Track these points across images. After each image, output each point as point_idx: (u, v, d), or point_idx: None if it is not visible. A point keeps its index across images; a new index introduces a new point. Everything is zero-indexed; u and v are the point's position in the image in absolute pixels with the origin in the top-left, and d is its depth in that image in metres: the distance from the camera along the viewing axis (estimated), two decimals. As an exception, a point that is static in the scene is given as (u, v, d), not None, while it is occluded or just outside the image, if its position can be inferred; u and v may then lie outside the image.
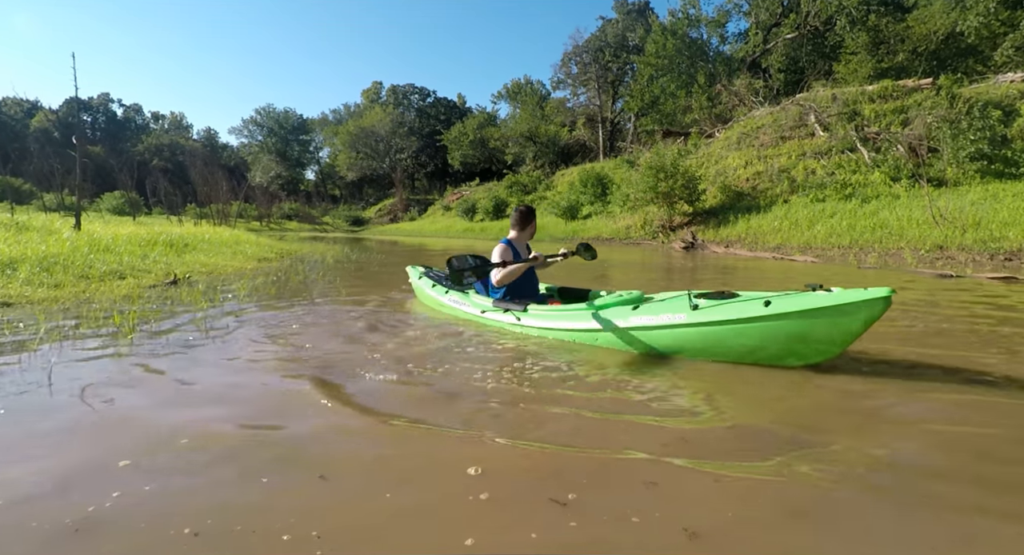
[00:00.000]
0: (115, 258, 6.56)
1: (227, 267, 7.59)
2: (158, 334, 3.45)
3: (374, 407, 2.21)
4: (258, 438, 1.91)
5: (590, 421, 2.09)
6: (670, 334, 2.86)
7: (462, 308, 4.06)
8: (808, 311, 2.50)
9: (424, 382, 2.57)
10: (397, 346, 3.28)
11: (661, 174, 15.89)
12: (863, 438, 1.91)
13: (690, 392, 2.43)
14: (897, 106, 15.94)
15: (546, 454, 1.78)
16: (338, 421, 2.08)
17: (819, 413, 2.19)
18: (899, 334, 3.45)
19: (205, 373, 2.70)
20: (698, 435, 1.94)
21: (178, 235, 9.91)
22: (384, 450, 1.85)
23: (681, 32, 28.74)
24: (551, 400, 2.30)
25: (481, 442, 1.87)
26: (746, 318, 2.63)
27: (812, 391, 2.42)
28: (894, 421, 2.08)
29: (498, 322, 3.73)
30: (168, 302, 4.53)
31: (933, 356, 2.93)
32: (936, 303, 4.76)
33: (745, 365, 2.74)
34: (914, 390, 2.39)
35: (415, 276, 4.95)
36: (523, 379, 2.61)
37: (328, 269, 8.50)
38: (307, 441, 1.88)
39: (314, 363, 2.86)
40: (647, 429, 2.01)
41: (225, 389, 2.47)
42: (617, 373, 2.71)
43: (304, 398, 2.31)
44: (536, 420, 2.08)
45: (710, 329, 2.74)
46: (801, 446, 1.83)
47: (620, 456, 1.75)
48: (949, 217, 9.63)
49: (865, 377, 2.57)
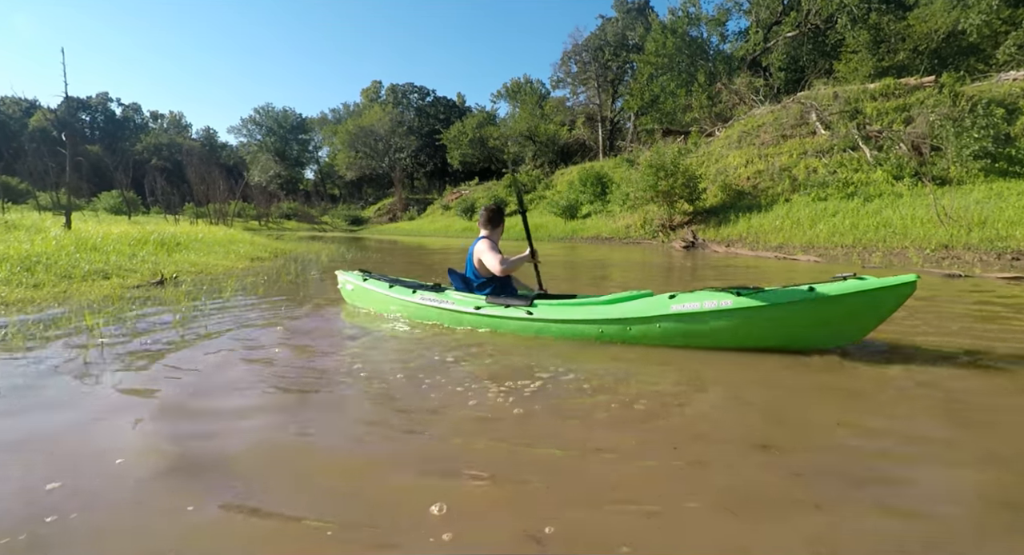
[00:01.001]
0: (102, 257, 6.40)
1: (218, 267, 7.43)
2: (123, 340, 3.22)
3: (331, 432, 1.95)
4: (196, 461, 1.71)
5: (577, 450, 1.89)
6: (714, 321, 2.88)
7: (443, 306, 3.69)
8: (848, 295, 2.73)
9: (399, 400, 2.29)
10: (381, 356, 3.08)
11: (661, 173, 15.73)
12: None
13: (695, 414, 2.27)
14: (899, 104, 15.78)
15: (520, 489, 1.59)
16: (284, 448, 1.83)
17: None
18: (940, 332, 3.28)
19: (160, 385, 2.42)
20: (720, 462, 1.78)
21: (170, 234, 9.75)
22: (335, 483, 1.60)
23: (681, 30, 28.58)
24: (541, 423, 2.10)
25: (448, 475, 1.63)
26: (792, 302, 2.80)
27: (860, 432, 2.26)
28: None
29: (498, 318, 3.43)
30: (148, 303, 4.37)
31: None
32: (953, 301, 4.60)
33: (755, 385, 2.57)
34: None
35: (355, 279, 4.44)
36: (513, 395, 2.43)
37: (321, 269, 8.33)
38: (249, 472, 1.64)
39: (279, 381, 2.54)
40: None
41: (177, 405, 2.23)
42: (619, 380, 2.55)
43: (255, 422, 2.04)
44: (517, 450, 1.89)
45: (756, 314, 2.83)
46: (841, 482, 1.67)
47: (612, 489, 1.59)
48: (954, 216, 9.48)
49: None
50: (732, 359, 2.87)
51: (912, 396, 2.35)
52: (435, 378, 2.55)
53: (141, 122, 72.82)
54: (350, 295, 4.60)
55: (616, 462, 1.72)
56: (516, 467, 1.69)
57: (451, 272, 3.94)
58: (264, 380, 2.55)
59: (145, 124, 72.83)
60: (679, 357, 2.96)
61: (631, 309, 3.06)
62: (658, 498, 1.49)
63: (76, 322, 3.42)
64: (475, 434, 1.94)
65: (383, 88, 62.02)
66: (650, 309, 3.01)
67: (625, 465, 1.71)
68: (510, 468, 1.68)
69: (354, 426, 2.05)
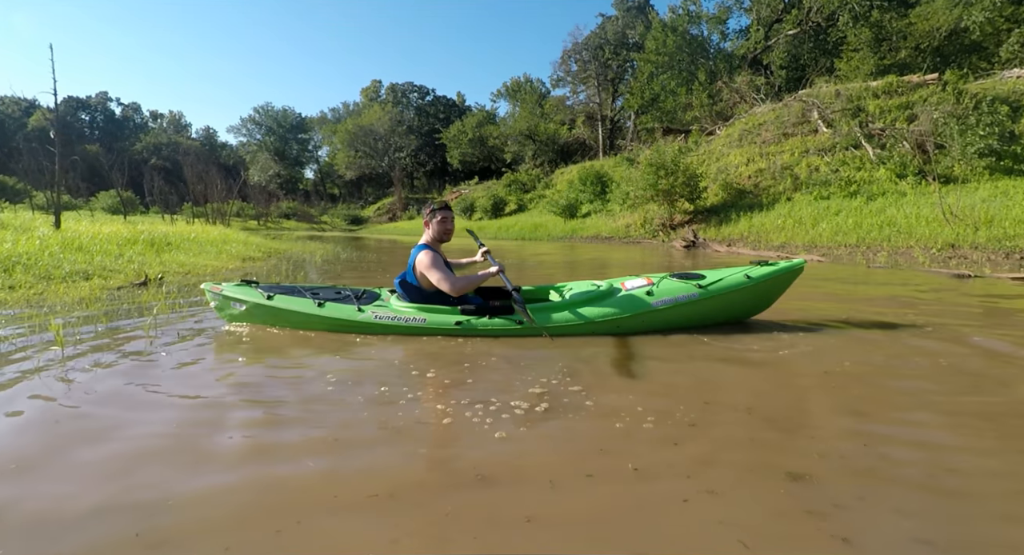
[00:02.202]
0: (86, 258, 6.24)
1: (207, 267, 7.26)
2: (83, 348, 2.99)
3: (274, 467, 1.70)
4: (130, 500, 1.49)
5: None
6: (687, 309, 3.41)
7: (406, 323, 3.32)
8: (769, 278, 3.48)
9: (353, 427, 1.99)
10: (347, 372, 2.78)
11: (661, 171, 15.54)
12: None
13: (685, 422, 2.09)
14: (902, 102, 15.58)
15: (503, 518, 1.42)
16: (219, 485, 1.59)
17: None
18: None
19: (100, 409, 2.14)
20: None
21: (161, 234, 9.59)
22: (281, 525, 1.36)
23: (681, 29, 28.40)
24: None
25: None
26: (738, 288, 3.45)
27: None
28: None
29: (486, 330, 3.28)
30: (124, 306, 4.20)
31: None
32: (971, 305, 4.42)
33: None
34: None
35: (250, 296, 3.58)
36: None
37: (313, 269, 8.17)
38: (178, 515, 1.42)
39: (236, 403, 2.24)
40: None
41: (114, 427, 1.99)
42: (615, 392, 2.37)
43: (195, 455, 1.78)
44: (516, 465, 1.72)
45: (716, 299, 3.43)
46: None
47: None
48: (959, 215, 9.29)
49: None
50: (739, 375, 2.69)
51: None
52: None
53: (141, 122, 72.79)
54: (242, 316, 3.67)
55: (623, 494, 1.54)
56: (503, 491, 1.52)
57: (403, 284, 3.48)
58: (230, 401, 2.37)
59: (145, 124, 72.80)
60: (675, 359, 2.80)
61: (621, 306, 3.40)
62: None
63: (54, 327, 3.24)
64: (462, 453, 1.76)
65: (383, 87, 61.93)
66: (636, 307, 3.40)
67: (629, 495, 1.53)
68: (488, 489, 1.51)
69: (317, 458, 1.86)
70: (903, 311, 4.18)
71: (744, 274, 3.46)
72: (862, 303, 4.66)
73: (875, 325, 3.63)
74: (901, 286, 5.69)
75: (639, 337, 3.31)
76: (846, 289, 5.64)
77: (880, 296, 5.07)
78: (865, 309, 4.30)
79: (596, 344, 3.15)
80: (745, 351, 3.00)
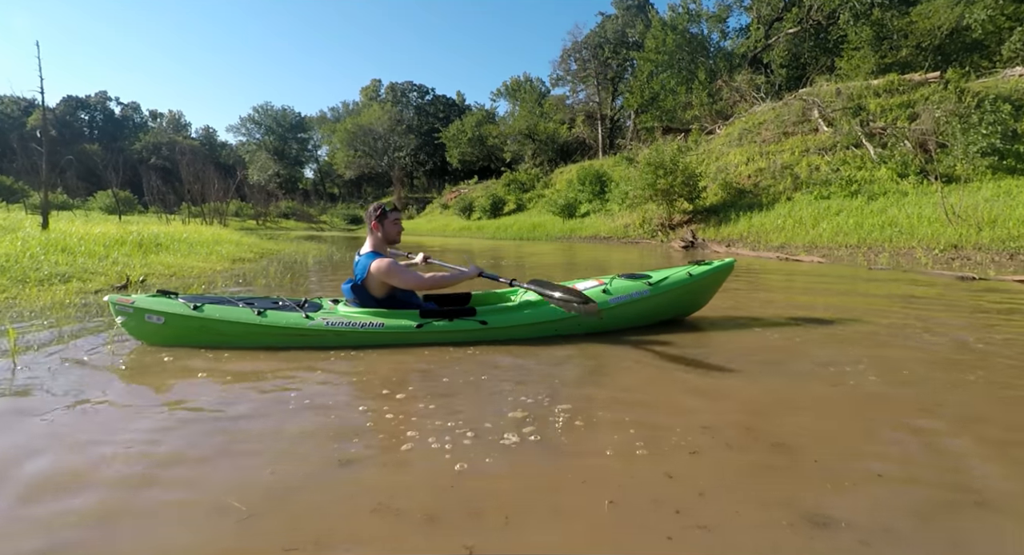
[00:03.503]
0: (69, 259, 6.09)
1: (193, 269, 7.12)
2: (36, 357, 2.84)
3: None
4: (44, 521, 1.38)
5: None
6: (640, 305, 3.60)
7: (363, 328, 3.12)
8: (708, 275, 3.77)
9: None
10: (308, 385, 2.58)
11: (660, 171, 15.38)
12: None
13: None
14: (903, 100, 15.42)
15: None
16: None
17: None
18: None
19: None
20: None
21: (151, 235, 9.44)
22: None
23: (681, 27, 28.22)
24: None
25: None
26: (683, 283, 3.68)
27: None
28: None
29: (449, 332, 3.17)
30: (94, 311, 4.05)
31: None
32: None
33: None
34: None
35: (173, 307, 3.10)
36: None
37: (303, 271, 8.02)
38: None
39: (178, 425, 2.02)
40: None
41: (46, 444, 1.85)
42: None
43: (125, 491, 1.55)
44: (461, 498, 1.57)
45: (664, 295, 3.64)
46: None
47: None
48: (962, 215, 9.13)
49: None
50: (733, 393, 2.54)
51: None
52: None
53: (140, 121, 72.62)
54: (159, 333, 3.13)
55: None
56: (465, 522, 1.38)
57: (356, 288, 3.26)
58: (174, 425, 2.21)
59: (144, 123, 72.63)
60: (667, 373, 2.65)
61: (536, 311, 3.40)
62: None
63: (12, 334, 3.09)
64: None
65: (382, 86, 61.79)
66: (531, 306, 3.42)
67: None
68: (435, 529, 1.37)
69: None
70: (912, 317, 4.03)
71: (686, 272, 3.73)
72: (866, 311, 4.51)
73: (884, 334, 3.48)
74: (908, 285, 5.55)
75: (614, 346, 3.19)
76: (846, 291, 5.49)
77: (884, 300, 4.92)
78: (876, 320, 4.14)
79: (568, 353, 3.03)
80: (746, 362, 2.84)
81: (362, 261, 3.24)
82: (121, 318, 3.12)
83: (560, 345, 3.17)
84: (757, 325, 3.74)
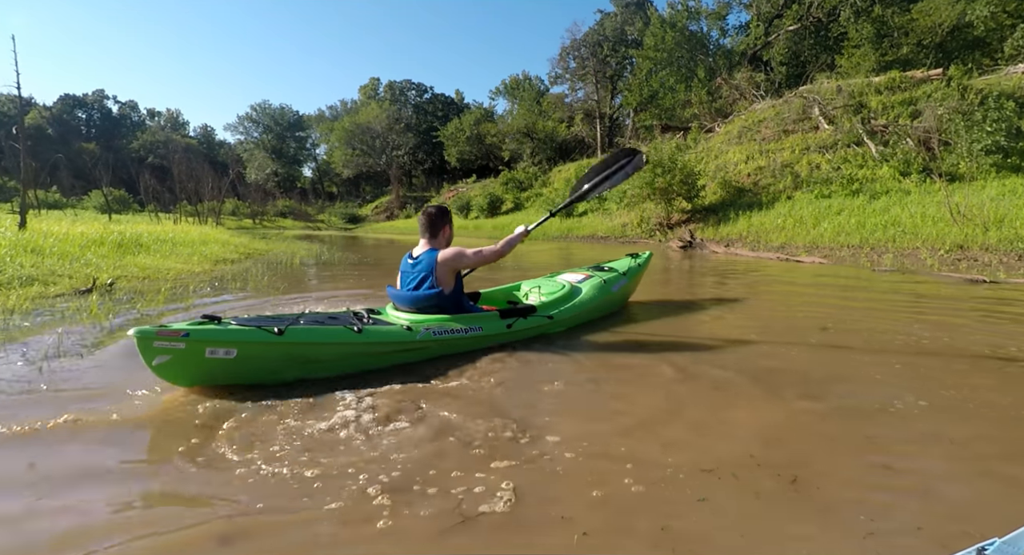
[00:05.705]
0: (37, 261, 5.83)
1: (171, 271, 6.84)
2: None
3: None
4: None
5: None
6: (623, 292, 4.13)
7: (466, 334, 2.94)
8: (647, 261, 4.59)
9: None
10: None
11: (658, 169, 15.11)
12: None
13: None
14: (905, 98, 15.15)
15: None
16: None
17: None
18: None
19: None
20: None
21: (134, 234, 9.18)
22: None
23: (680, 25, 27.94)
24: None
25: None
26: (639, 270, 4.39)
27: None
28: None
29: (531, 329, 3.39)
30: (46, 314, 3.80)
31: None
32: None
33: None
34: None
35: (249, 336, 2.28)
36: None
37: (289, 272, 7.76)
38: None
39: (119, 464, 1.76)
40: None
41: None
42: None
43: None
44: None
45: (632, 281, 4.29)
46: None
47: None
48: (967, 214, 8.86)
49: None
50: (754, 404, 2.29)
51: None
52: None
53: (138, 119, 72.23)
54: (229, 370, 2.29)
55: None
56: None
57: (442, 295, 3.03)
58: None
59: (142, 122, 72.24)
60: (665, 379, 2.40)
61: (600, 294, 3.91)
62: None
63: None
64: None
65: (381, 85, 61.39)
66: (604, 293, 3.93)
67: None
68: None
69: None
70: (930, 326, 3.78)
71: (631, 262, 4.29)
72: (886, 322, 4.25)
73: (902, 350, 3.23)
74: (915, 285, 5.29)
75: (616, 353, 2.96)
76: (851, 298, 5.24)
77: (896, 308, 4.67)
78: (897, 338, 3.88)
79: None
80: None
81: (424, 259, 3.09)
82: (162, 358, 2.15)
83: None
84: (779, 343, 3.39)
